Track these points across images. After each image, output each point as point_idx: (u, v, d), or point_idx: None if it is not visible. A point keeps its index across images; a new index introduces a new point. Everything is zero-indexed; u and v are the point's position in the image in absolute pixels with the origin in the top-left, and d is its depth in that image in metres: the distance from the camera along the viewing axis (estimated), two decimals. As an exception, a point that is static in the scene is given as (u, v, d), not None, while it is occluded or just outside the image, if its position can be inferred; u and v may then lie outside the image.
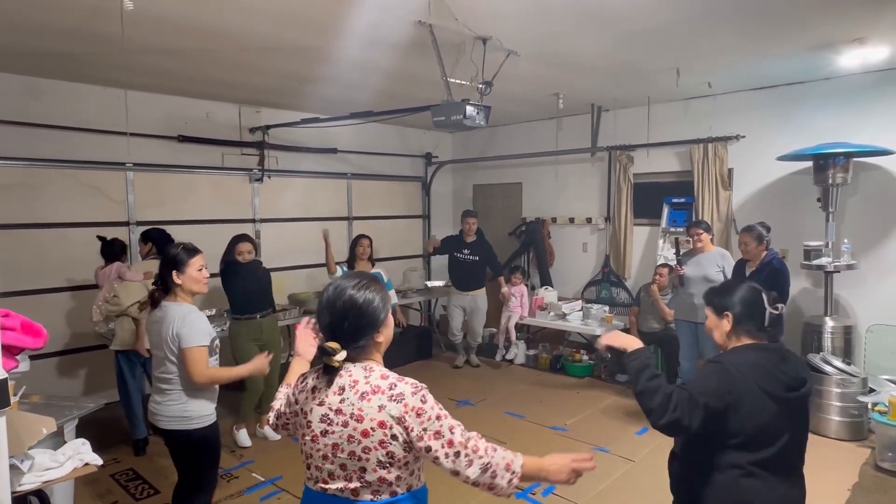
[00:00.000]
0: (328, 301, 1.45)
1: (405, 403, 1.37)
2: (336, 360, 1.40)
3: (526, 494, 3.38)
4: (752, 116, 5.27)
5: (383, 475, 1.39)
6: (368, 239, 5.12)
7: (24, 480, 1.99)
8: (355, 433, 1.38)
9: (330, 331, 1.44)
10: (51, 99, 4.54)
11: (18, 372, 2.21)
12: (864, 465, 3.71)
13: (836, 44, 3.85)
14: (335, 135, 6.31)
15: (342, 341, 1.42)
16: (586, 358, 5.83)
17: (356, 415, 1.38)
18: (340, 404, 1.40)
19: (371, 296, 1.45)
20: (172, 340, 2.38)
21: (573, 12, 3.20)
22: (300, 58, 4.03)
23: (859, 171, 4.63)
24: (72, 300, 4.68)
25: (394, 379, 1.42)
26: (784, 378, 1.71)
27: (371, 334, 1.45)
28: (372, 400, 1.38)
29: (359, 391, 1.40)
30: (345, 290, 1.44)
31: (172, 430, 2.46)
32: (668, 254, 5.62)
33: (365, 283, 1.47)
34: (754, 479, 1.68)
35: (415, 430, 1.36)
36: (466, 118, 3.55)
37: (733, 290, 1.88)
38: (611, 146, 6.15)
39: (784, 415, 1.69)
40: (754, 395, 1.67)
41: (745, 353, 1.78)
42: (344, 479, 1.41)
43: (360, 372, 1.43)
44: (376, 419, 1.36)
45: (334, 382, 1.43)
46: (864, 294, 4.76)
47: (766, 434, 1.68)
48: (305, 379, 1.52)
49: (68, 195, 4.66)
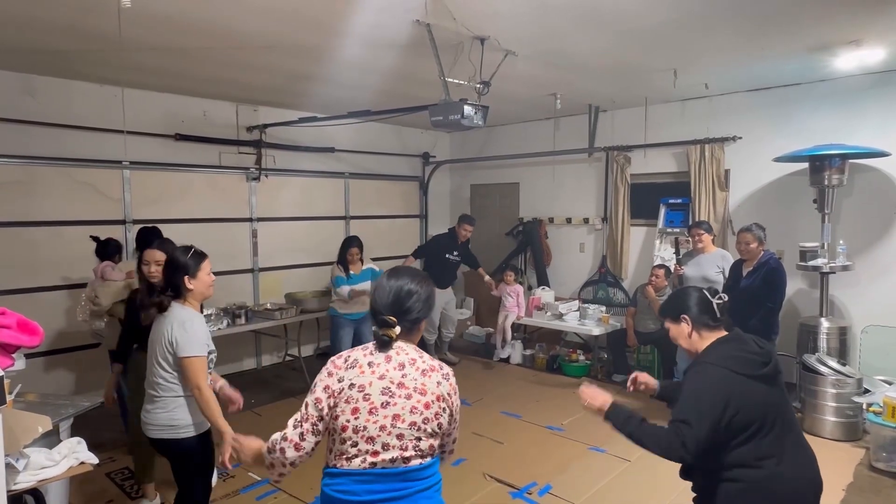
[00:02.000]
0: (395, 285, 1.65)
1: (451, 382, 1.63)
2: (394, 331, 1.59)
3: (522, 494, 3.39)
4: (749, 118, 5.29)
5: (432, 442, 1.58)
6: (357, 248, 5.08)
7: (19, 479, 1.98)
8: (419, 405, 1.55)
9: (391, 308, 1.62)
10: (46, 96, 4.52)
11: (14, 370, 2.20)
12: (858, 466, 3.72)
13: (833, 45, 3.87)
14: (333, 134, 6.31)
15: (398, 319, 1.60)
16: (583, 358, 5.84)
17: (419, 388, 1.56)
18: (403, 378, 1.57)
19: (426, 291, 1.69)
20: (168, 344, 2.32)
21: (571, 12, 3.21)
22: (298, 56, 4.02)
23: (855, 172, 4.65)
24: (67, 298, 4.66)
25: (437, 361, 1.66)
26: (755, 357, 1.85)
27: (420, 320, 1.67)
28: (432, 376, 1.59)
29: (419, 368, 1.59)
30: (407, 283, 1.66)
31: (161, 439, 2.40)
32: (666, 254, 5.63)
33: (422, 281, 1.70)
34: (763, 472, 1.77)
35: (455, 404, 1.63)
36: (464, 118, 3.55)
37: (679, 296, 2.08)
38: (608, 147, 6.16)
39: (770, 390, 1.83)
40: (743, 384, 1.80)
41: (716, 349, 1.91)
42: (399, 448, 1.54)
43: (414, 352, 1.63)
44: (436, 393, 1.57)
45: (392, 359, 1.59)
46: (860, 295, 4.78)
47: (771, 414, 1.79)
48: (351, 357, 1.63)
49: (64, 193, 4.64)
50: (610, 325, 5.50)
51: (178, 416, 2.38)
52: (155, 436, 2.41)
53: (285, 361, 6.19)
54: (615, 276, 6.25)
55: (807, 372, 4.24)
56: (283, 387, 5.43)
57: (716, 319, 1.95)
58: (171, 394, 2.37)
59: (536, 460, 3.84)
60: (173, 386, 2.37)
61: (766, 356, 1.86)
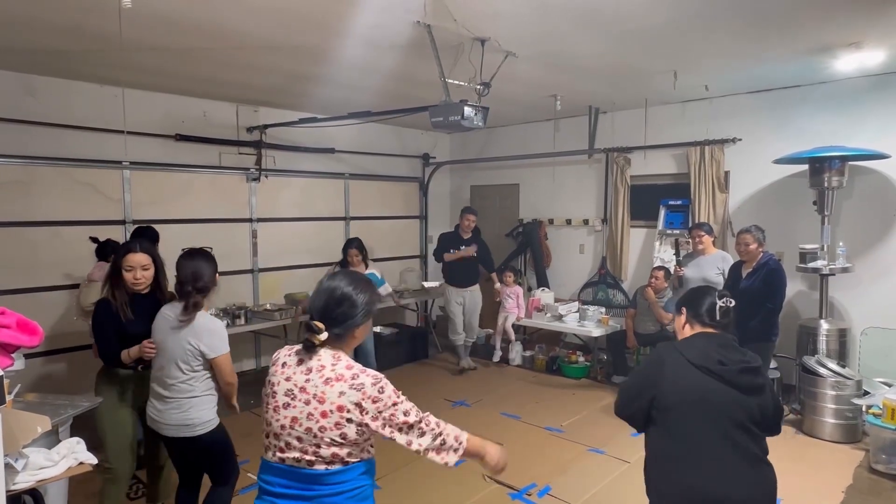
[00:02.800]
0: (328, 288, 1.64)
1: (364, 392, 1.54)
2: (319, 338, 1.58)
3: (521, 495, 3.39)
4: (749, 119, 5.29)
5: (336, 451, 1.54)
6: (356, 248, 5.08)
7: (18, 479, 1.98)
8: (315, 412, 1.53)
9: (321, 313, 1.62)
10: (46, 96, 4.52)
11: (13, 370, 2.20)
12: (858, 468, 3.72)
13: (833, 48, 3.88)
14: (333, 135, 6.31)
15: (328, 325, 1.60)
16: (582, 359, 5.84)
17: (318, 396, 1.54)
18: (306, 383, 1.57)
19: (362, 296, 1.65)
20: (194, 349, 2.41)
21: (571, 14, 3.21)
22: (298, 57, 4.02)
23: (855, 174, 4.65)
24: (67, 298, 4.66)
25: (357, 370, 1.58)
26: (717, 356, 1.83)
27: (351, 327, 1.64)
28: (335, 386, 1.54)
29: (324, 376, 1.56)
30: (341, 282, 1.65)
31: (177, 437, 2.47)
32: (666, 255, 5.63)
33: (360, 283, 1.68)
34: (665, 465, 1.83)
35: (370, 413, 1.53)
36: (464, 119, 3.55)
37: (693, 291, 2.11)
38: (608, 148, 6.16)
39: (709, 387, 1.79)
40: (680, 364, 1.83)
41: (690, 339, 1.95)
42: (299, 450, 1.55)
43: (328, 359, 1.60)
44: (336, 403, 1.53)
45: (304, 363, 1.60)
46: (859, 297, 4.78)
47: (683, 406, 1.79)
48: (278, 355, 1.69)
49: (64, 193, 4.64)
50: (609, 326, 5.50)
51: (192, 416, 2.45)
52: (170, 434, 2.49)
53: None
54: (615, 278, 6.25)
55: (806, 374, 4.24)
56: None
57: (712, 318, 1.95)
58: (185, 395, 2.45)
59: (536, 461, 3.83)
60: (186, 387, 2.44)
61: (732, 361, 1.82)
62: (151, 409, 2.53)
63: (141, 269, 2.60)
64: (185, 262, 2.50)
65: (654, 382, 1.85)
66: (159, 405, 2.49)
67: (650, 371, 1.91)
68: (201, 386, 2.47)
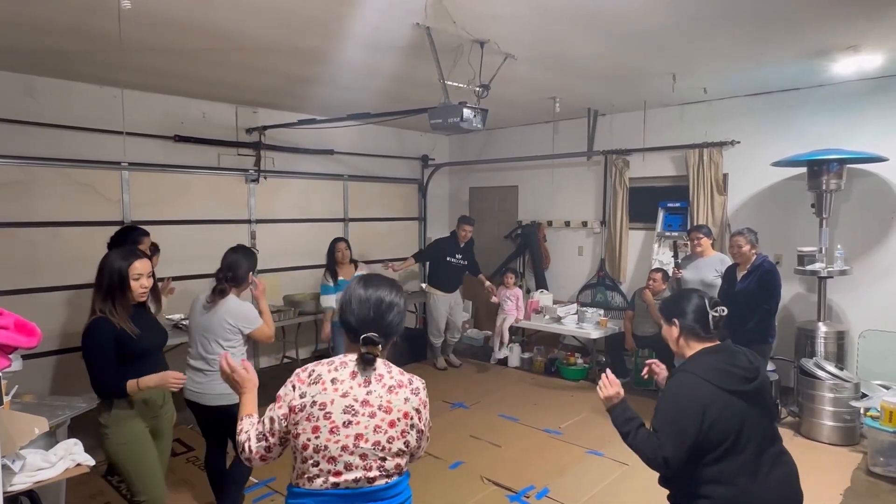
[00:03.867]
0: (373, 298, 1.56)
1: (420, 397, 1.56)
2: (378, 349, 1.53)
3: (519, 497, 3.38)
4: (748, 122, 5.30)
5: (398, 462, 1.52)
6: (345, 242, 5.09)
7: (15, 481, 1.98)
8: (382, 424, 1.48)
9: (373, 324, 1.53)
10: (45, 97, 4.51)
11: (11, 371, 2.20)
12: (856, 470, 3.72)
13: (831, 51, 3.89)
14: (332, 136, 6.31)
15: (382, 334, 1.54)
16: (581, 361, 5.84)
17: (384, 406, 1.50)
18: (367, 396, 1.50)
19: (402, 301, 1.63)
20: (231, 327, 2.83)
21: (570, 16, 3.22)
22: (298, 58, 4.02)
23: (853, 177, 4.66)
24: (65, 299, 4.65)
25: (408, 375, 1.59)
26: (740, 372, 1.81)
27: (398, 333, 1.62)
28: (399, 393, 1.53)
29: (386, 384, 1.52)
30: (385, 292, 1.59)
31: (220, 405, 2.81)
32: (664, 258, 5.64)
33: (397, 290, 1.63)
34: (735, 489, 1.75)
35: (424, 420, 1.57)
36: (463, 121, 3.55)
37: (679, 299, 2.04)
38: (607, 150, 6.17)
39: (751, 407, 1.79)
40: (722, 398, 1.77)
41: (701, 359, 1.88)
42: (363, 468, 1.48)
43: (382, 367, 1.56)
44: (402, 410, 1.51)
45: (357, 375, 1.52)
46: (857, 300, 4.79)
47: (747, 431, 1.77)
48: (315, 372, 1.54)
49: (62, 194, 4.63)
50: (608, 328, 5.50)
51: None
52: (212, 403, 2.84)
53: (283, 364, 6.18)
54: (613, 280, 6.25)
55: (804, 376, 4.25)
56: (281, 389, 5.42)
57: (707, 331, 1.91)
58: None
59: (534, 464, 3.83)
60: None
61: (752, 372, 1.82)
62: (191, 384, 2.82)
63: (147, 276, 2.45)
64: (228, 254, 2.98)
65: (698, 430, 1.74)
66: (200, 379, 2.86)
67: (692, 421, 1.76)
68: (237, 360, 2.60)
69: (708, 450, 1.75)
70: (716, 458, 1.75)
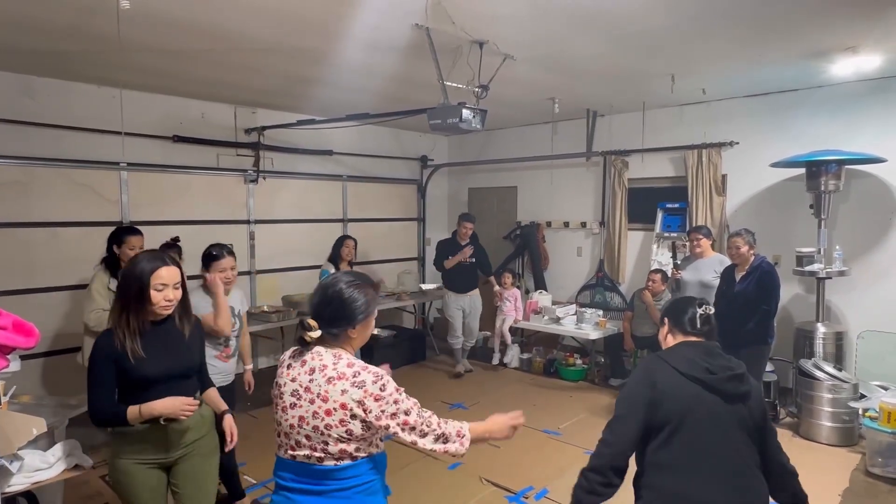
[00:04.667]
0: (322, 286, 1.69)
1: (365, 389, 1.56)
2: (310, 335, 1.62)
3: (518, 498, 3.38)
4: (746, 123, 5.31)
5: (343, 447, 1.58)
6: (354, 241, 5.09)
7: (13, 481, 1.97)
8: (319, 411, 1.57)
9: (315, 311, 1.66)
10: (44, 97, 4.51)
11: (9, 371, 2.20)
12: (854, 471, 3.73)
13: (830, 52, 3.89)
14: (331, 137, 6.31)
15: (321, 323, 1.64)
16: (580, 362, 5.84)
17: (322, 395, 1.57)
18: (310, 383, 1.60)
19: (357, 295, 1.65)
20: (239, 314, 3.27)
21: (570, 17, 3.22)
22: (297, 59, 4.02)
23: (851, 178, 4.67)
24: (64, 300, 4.65)
25: (359, 368, 1.60)
26: (705, 364, 1.81)
27: (345, 327, 1.65)
28: (336, 384, 1.57)
29: (326, 375, 1.59)
30: (338, 282, 1.67)
31: (227, 385, 3.05)
32: (663, 258, 5.64)
33: (358, 283, 1.68)
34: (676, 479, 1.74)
35: (373, 412, 1.56)
36: (462, 121, 3.56)
37: (675, 301, 2.10)
38: (606, 151, 6.17)
39: (700, 396, 1.76)
40: (669, 375, 1.80)
41: (675, 348, 1.93)
42: (308, 447, 1.59)
43: (329, 358, 1.62)
44: (339, 401, 1.56)
45: (307, 363, 1.63)
46: (856, 300, 4.80)
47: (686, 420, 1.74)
48: (284, 356, 1.73)
49: (61, 194, 4.63)
50: (607, 329, 5.50)
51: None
52: (225, 383, 3.01)
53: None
54: (612, 281, 6.26)
55: (803, 377, 4.25)
56: (280, 389, 5.42)
57: (693, 326, 1.92)
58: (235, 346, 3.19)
59: (533, 464, 3.83)
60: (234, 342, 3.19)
61: (720, 369, 1.79)
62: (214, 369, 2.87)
63: (174, 286, 2.05)
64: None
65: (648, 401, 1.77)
66: (223, 364, 3.12)
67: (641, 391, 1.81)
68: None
69: (653, 431, 1.77)
70: (659, 443, 1.76)
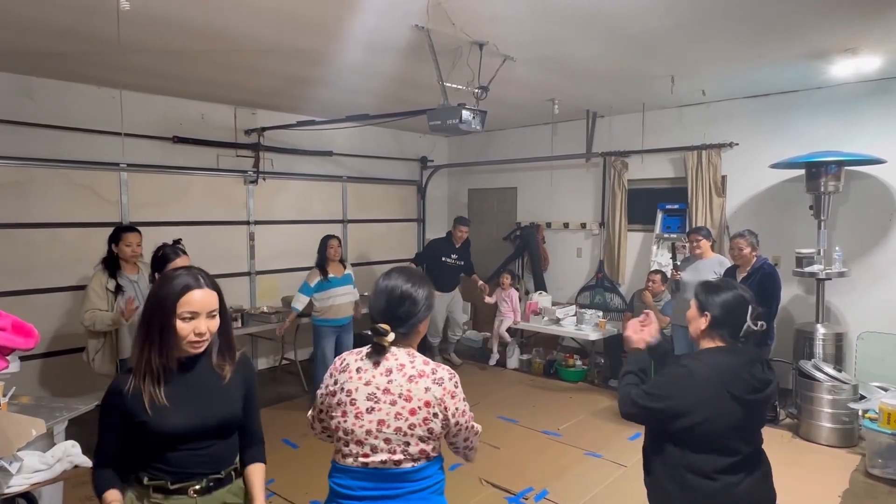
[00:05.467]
0: (387, 289, 1.64)
1: (444, 387, 1.58)
2: (386, 340, 1.58)
3: (518, 500, 3.38)
4: (746, 124, 5.31)
5: (423, 447, 1.57)
6: (337, 239, 5.03)
7: (12, 482, 1.97)
8: (403, 411, 1.55)
9: (384, 314, 1.62)
10: (43, 98, 4.51)
11: (8, 372, 2.20)
12: (854, 472, 3.72)
13: (829, 53, 3.90)
14: (331, 137, 6.31)
15: (393, 325, 1.60)
16: (580, 363, 5.83)
17: (405, 395, 1.55)
18: (388, 384, 1.57)
19: (421, 291, 1.65)
20: None
21: (569, 18, 3.22)
22: (297, 60, 4.03)
23: (851, 179, 4.67)
24: (63, 301, 4.64)
25: (433, 365, 1.61)
26: (751, 381, 1.76)
27: (416, 324, 1.65)
28: (419, 382, 1.57)
29: (406, 374, 1.58)
30: (398, 282, 1.64)
31: None
32: (663, 259, 5.64)
33: (415, 279, 1.67)
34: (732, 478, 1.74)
35: (450, 409, 1.58)
36: (462, 122, 3.56)
37: (721, 291, 1.86)
38: (605, 152, 6.18)
39: (748, 416, 1.75)
40: (722, 400, 1.73)
41: (715, 355, 1.82)
42: (388, 451, 1.55)
43: (405, 357, 1.61)
44: (423, 399, 1.55)
45: (381, 364, 1.60)
46: (856, 301, 4.80)
47: (738, 436, 1.74)
48: (345, 361, 1.67)
49: (61, 195, 4.63)
50: (607, 330, 5.50)
51: None
52: None
53: (281, 365, 6.17)
54: (612, 282, 6.25)
55: (803, 378, 4.25)
56: (279, 391, 5.41)
57: (735, 338, 1.82)
58: None
59: (533, 465, 3.83)
60: None
61: (761, 384, 1.77)
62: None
63: (209, 315, 1.61)
64: None
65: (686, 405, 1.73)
66: None
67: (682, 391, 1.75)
68: None
69: (692, 442, 1.75)
70: (696, 449, 1.75)
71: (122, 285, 3.59)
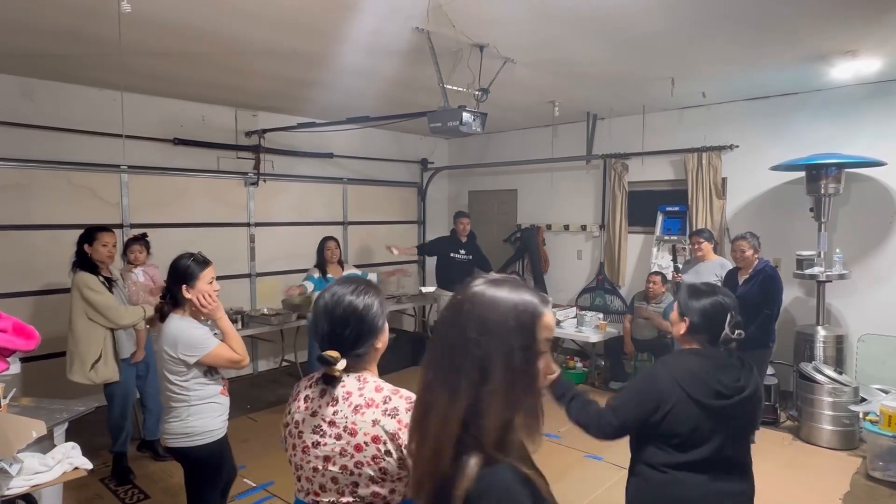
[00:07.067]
0: (326, 307, 1.38)
1: (399, 419, 1.31)
2: (337, 369, 1.34)
3: (519, 502, 3.37)
4: (746, 126, 5.31)
5: (376, 490, 1.32)
6: (335, 241, 5.02)
7: (12, 484, 1.97)
8: (348, 447, 1.32)
9: (329, 339, 1.37)
10: (44, 100, 4.52)
11: (9, 374, 2.20)
12: (855, 475, 3.72)
13: (829, 56, 3.90)
14: (331, 139, 6.32)
15: (342, 350, 1.35)
16: (580, 365, 5.83)
17: (350, 428, 1.33)
18: (334, 416, 1.35)
19: (370, 300, 1.39)
20: (174, 357, 2.23)
21: (570, 20, 3.23)
22: (297, 62, 4.03)
23: (851, 181, 4.67)
24: (64, 302, 4.63)
25: (388, 392, 1.36)
26: (716, 386, 1.74)
27: (371, 341, 1.39)
28: (366, 413, 1.32)
29: (352, 403, 1.34)
30: (343, 296, 1.38)
31: (176, 447, 2.33)
32: (663, 262, 5.64)
33: (363, 287, 1.41)
34: (684, 475, 1.75)
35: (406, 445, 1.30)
36: (463, 124, 3.56)
37: (702, 296, 1.87)
38: (606, 154, 6.18)
39: (711, 420, 1.74)
40: (682, 401, 1.74)
41: (686, 358, 1.83)
42: (336, 492, 1.34)
43: (353, 383, 1.38)
44: (370, 433, 1.31)
45: (327, 392, 1.38)
46: (856, 304, 4.79)
47: (697, 437, 1.75)
48: (297, 387, 1.48)
49: (61, 197, 4.63)
50: (607, 332, 5.49)
51: (191, 425, 2.29)
52: (171, 445, 2.33)
53: (282, 367, 6.16)
54: (612, 284, 6.25)
55: (803, 380, 4.25)
56: (279, 393, 5.41)
57: (713, 344, 1.83)
58: (184, 403, 2.28)
59: (533, 468, 3.82)
60: (184, 395, 2.28)
61: (729, 391, 1.73)
62: (162, 422, 2.40)
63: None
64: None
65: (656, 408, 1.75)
66: (165, 416, 2.35)
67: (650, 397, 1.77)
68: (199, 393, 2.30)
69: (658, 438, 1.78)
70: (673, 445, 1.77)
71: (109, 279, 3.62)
